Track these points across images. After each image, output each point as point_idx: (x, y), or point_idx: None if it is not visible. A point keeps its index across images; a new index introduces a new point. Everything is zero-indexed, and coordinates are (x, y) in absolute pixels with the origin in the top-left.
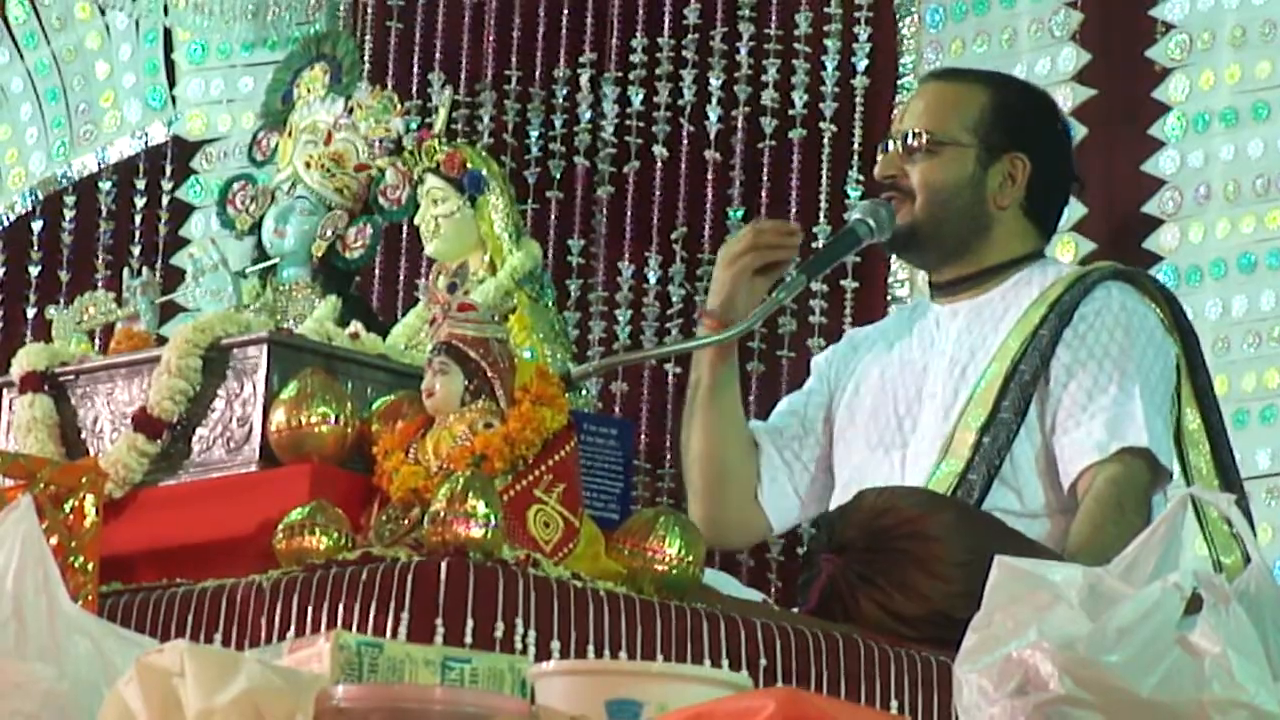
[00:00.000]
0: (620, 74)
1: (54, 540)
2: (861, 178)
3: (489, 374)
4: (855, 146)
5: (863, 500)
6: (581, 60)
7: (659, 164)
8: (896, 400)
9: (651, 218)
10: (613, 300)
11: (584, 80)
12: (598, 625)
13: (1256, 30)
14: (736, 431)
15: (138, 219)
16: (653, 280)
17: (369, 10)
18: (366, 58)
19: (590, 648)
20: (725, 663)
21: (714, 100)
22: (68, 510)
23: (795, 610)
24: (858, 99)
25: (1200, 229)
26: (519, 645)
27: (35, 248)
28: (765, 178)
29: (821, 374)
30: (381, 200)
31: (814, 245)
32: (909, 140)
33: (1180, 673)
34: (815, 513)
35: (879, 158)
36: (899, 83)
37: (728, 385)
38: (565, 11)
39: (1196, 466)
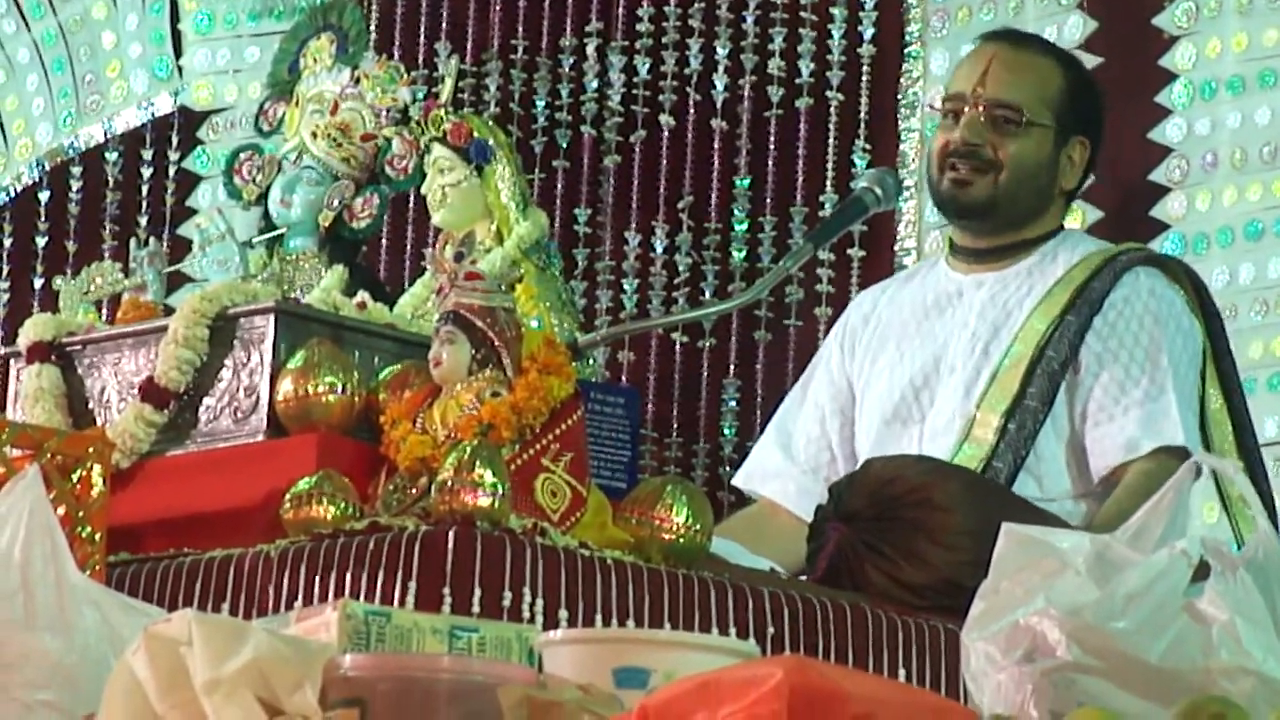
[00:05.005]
0: (626, 43)
1: (61, 510)
2: (869, 146)
3: (496, 343)
4: (862, 115)
5: (870, 469)
6: (588, 29)
7: (665, 133)
8: (913, 372)
9: (658, 187)
10: (619, 269)
11: (590, 49)
12: (605, 594)
13: None
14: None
15: (144, 189)
16: (659, 249)
17: None
18: (373, 27)
19: (598, 616)
20: (733, 631)
21: (720, 69)
22: (75, 480)
23: (803, 579)
24: (864, 67)
25: (1207, 197)
26: (526, 614)
27: (42, 218)
28: (772, 146)
29: (837, 367)
30: (388, 170)
31: (821, 214)
32: (1000, 111)
33: (1187, 640)
34: None
35: (943, 121)
36: (905, 51)
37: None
38: None
39: (1220, 448)
